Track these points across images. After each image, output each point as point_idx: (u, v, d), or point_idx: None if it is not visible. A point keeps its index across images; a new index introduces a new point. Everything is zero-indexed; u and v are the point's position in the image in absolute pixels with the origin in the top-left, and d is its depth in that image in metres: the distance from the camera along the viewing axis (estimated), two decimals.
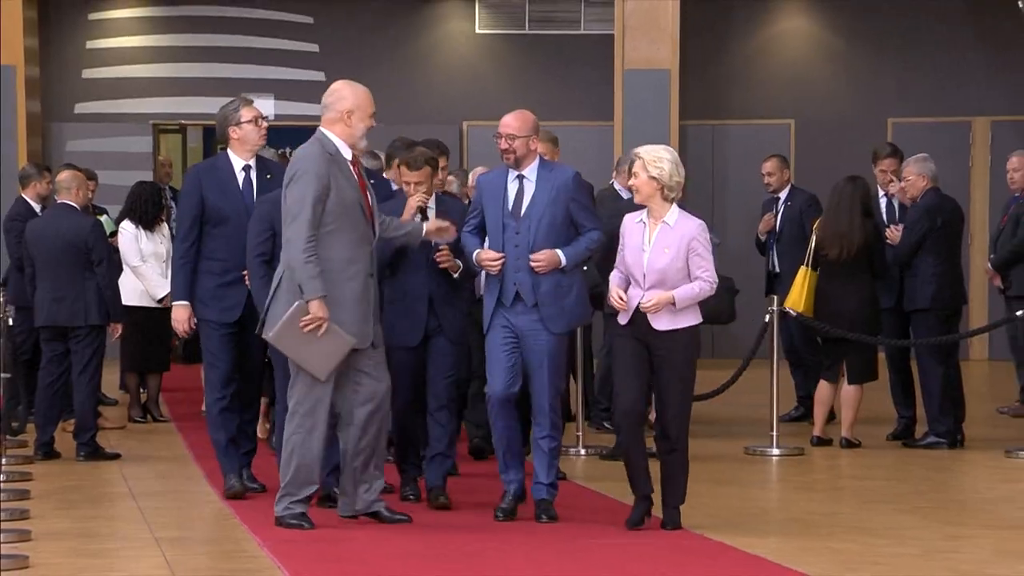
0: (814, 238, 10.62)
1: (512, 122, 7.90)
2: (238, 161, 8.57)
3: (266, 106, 16.72)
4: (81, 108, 16.88)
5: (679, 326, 7.58)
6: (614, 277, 7.69)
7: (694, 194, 11.65)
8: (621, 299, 7.56)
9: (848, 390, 10.62)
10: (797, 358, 11.87)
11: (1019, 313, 11.00)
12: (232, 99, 8.77)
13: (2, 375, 7.30)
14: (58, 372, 10.18)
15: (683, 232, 7.58)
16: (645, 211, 7.65)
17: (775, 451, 10.38)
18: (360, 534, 7.55)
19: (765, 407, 10.54)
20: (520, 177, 7.91)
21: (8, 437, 10.46)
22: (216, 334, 8.51)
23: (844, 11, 16.76)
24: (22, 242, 10.59)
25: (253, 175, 8.57)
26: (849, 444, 10.60)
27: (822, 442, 10.60)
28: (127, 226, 11.70)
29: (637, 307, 7.54)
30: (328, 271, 7.50)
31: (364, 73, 16.48)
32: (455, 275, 8.22)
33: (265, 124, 8.63)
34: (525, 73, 16.67)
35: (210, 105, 16.91)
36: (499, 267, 7.78)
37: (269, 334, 7.57)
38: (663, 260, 7.54)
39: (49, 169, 11.67)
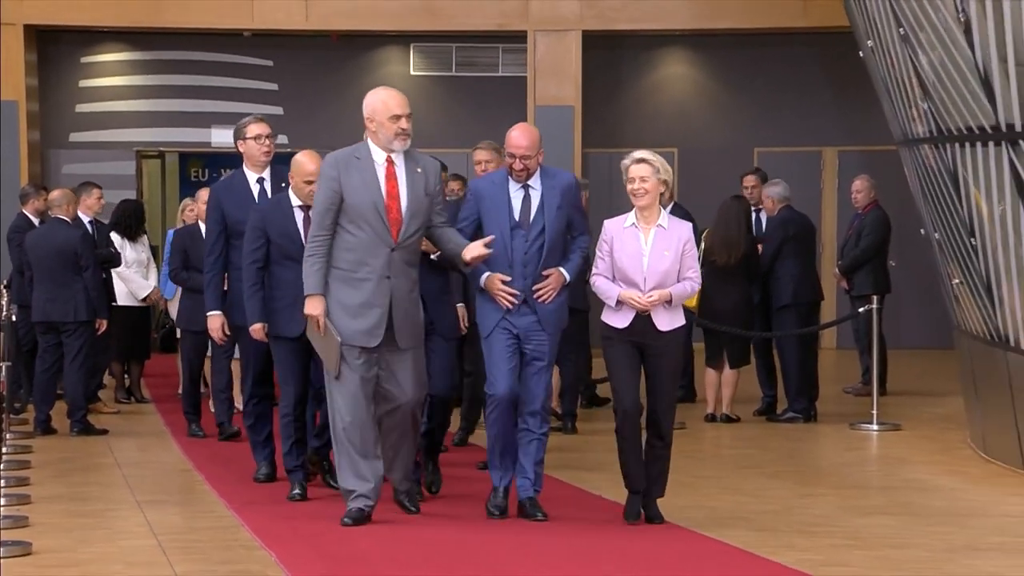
0: (702, 246, 10.64)
1: (524, 142, 6.85)
2: (252, 175, 7.88)
3: (231, 136, 16.63)
4: (74, 137, 16.70)
5: (676, 325, 6.76)
6: (601, 282, 6.76)
7: (595, 213, 11.69)
8: (638, 300, 6.65)
9: (728, 374, 10.67)
10: None
11: (861, 310, 11.14)
12: (248, 115, 8.05)
13: (6, 363, 7.18)
14: (52, 360, 10.10)
15: (679, 234, 6.74)
16: (631, 215, 6.77)
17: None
18: (318, 495, 7.47)
19: None
20: (526, 186, 6.90)
21: (11, 416, 10.35)
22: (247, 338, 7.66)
23: (718, 59, 16.88)
24: (22, 250, 10.49)
25: (267, 186, 7.85)
26: (728, 419, 10.65)
27: (714, 418, 10.64)
28: (114, 237, 11.59)
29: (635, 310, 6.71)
30: (341, 271, 6.66)
31: (315, 108, 16.46)
32: (432, 257, 7.15)
33: (269, 142, 7.84)
34: (452, 108, 16.66)
35: (185, 135, 16.90)
36: (515, 302, 6.77)
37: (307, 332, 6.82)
38: (665, 263, 6.68)
39: (46, 189, 11.56)
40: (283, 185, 7.69)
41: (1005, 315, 8.50)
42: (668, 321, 6.72)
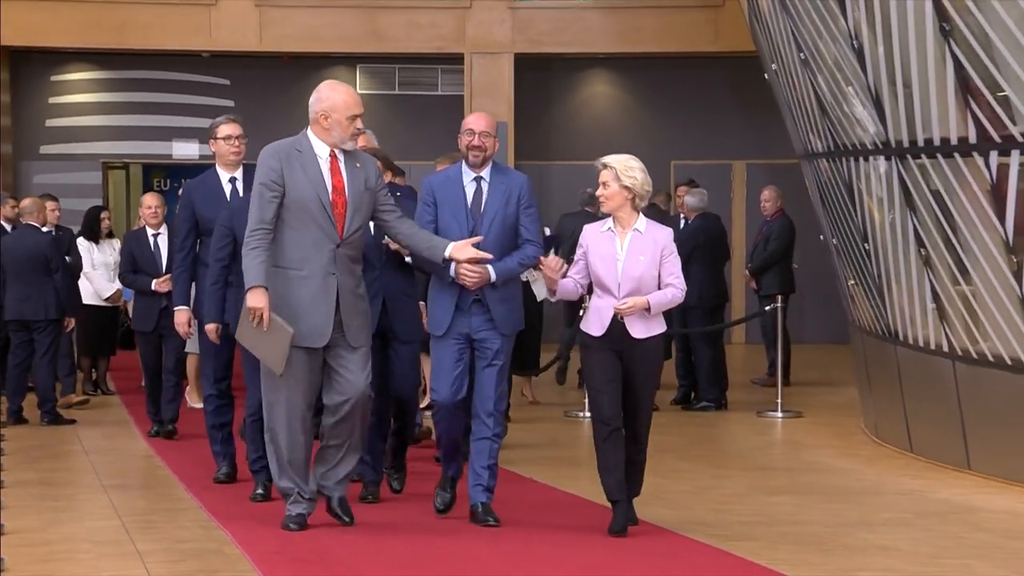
0: None
1: (482, 121, 6.28)
2: (224, 175, 7.27)
3: (192, 148, 16.56)
4: (45, 149, 16.54)
5: (653, 333, 6.07)
6: (564, 281, 6.13)
7: None
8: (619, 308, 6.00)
9: None
10: None
11: (768, 308, 11.25)
12: (224, 115, 7.43)
13: None
14: (24, 355, 10.00)
15: (656, 238, 6.09)
16: (609, 220, 6.13)
17: (586, 415, 10.45)
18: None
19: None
20: (478, 178, 6.29)
21: None
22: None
23: (639, 80, 16.99)
24: None
25: (239, 185, 7.21)
26: None
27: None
28: (81, 241, 11.49)
29: (612, 317, 6.02)
30: (284, 268, 5.95)
31: (270, 123, 16.34)
32: (407, 259, 6.57)
33: (239, 143, 7.24)
34: (396, 125, 16.63)
35: (148, 148, 16.79)
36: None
37: (235, 333, 6.13)
38: (639, 268, 6.02)
39: (15, 198, 11.44)
40: None
41: (894, 313, 8.64)
42: (643, 329, 6.04)
